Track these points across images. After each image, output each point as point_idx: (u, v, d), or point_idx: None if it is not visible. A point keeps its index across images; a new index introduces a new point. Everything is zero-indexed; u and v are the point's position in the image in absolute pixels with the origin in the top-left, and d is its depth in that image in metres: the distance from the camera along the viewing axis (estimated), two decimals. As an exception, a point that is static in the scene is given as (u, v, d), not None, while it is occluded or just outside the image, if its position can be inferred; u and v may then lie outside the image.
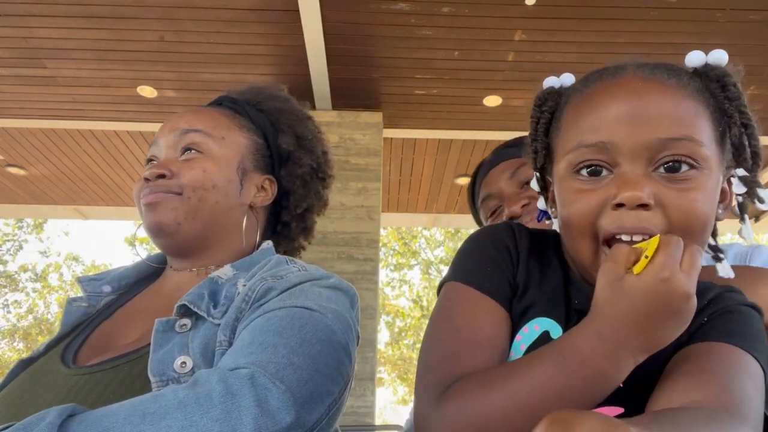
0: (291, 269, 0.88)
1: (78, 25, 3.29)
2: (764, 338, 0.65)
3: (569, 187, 0.66)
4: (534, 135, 0.75)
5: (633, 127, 0.62)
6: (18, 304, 14.85)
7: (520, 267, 0.73)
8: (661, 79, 0.66)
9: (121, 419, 0.61)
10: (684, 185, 0.61)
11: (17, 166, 4.95)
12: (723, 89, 0.66)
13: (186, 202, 0.92)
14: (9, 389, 0.82)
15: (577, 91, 0.71)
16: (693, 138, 0.61)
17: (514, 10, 3.14)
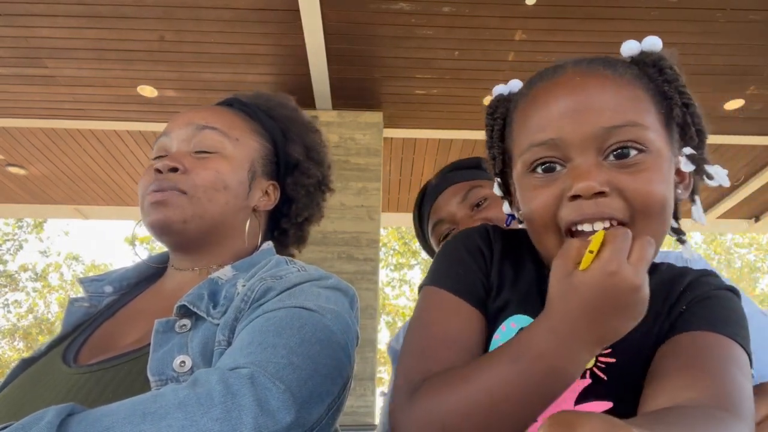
0: (290, 269, 0.89)
1: (78, 25, 3.29)
2: (745, 321, 0.66)
3: (527, 185, 0.69)
4: (490, 142, 0.78)
5: (577, 120, 0.64)
6: (18, 304, 14.86)
7: (494, 267, 0.75)
8: (599, 72, 0.68)
9: (121, 418, 0.61)
10: (635, 168, 0.63)
11: (17, 166, 4.95)
12: (660, 73, 0.69)
13: (195, 201, 0.92)
14: (10, 389, 0.83)
15: (522, 95, 0.74)
16: (636, 123, 0.64)
17: (514, 9, 3.14)
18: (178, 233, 0.92)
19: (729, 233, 13.82)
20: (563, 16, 3.17)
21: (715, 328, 0.62)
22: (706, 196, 3.99)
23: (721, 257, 15.26)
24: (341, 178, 3.88)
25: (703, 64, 3.55)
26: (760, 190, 5.14)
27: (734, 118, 4.08)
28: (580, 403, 0.63)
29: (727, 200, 5.33)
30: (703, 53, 3.47)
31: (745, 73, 3.63)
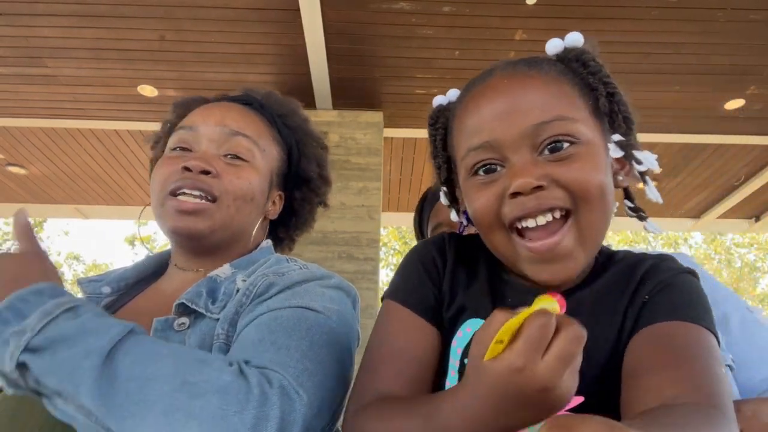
0: (292, 267, 0.89)
1: (78, 24, 3.29)
2: (707, 301, 0.67)
3: (470, 187, 0.71)
4: (434, 152, 0.81)
5: (507, 121, 0.67)
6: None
7: (446, 275, 0.77)
8: (524, 72, 0.71)
9: (163, 374, 0.62)
10: (569, 160, 0.65)
11: (18, 165, 4.95)
12: (584, 66, 0.72)
13: (224, 210, 0.92)
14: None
15: (458, 102, 0.77)
16: (564, 116, 0.66)
17: (515, 9, 3.14)
18: (200, 241, 0.92)
19: (729, 233, 13.81)
20: (563, 15, 3.17)
21: (682, 315, 0.63)
22: (706, 196, 4.01)
23: (721, 257, 15.25)
24: (341, 177, 3.88)
25: (704, 63, 3.55)
26: (760, 190, 5.14)
27: (734, 118, 4.08)
28: None
29: (727, 200, 5.33)
30: (703, 53, 3.46)
31: (746, 72, 3.63)
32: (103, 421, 0.61)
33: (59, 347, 0.63)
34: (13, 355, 0.63)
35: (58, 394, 0.63)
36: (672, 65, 3.56)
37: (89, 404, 0.61)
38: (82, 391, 0.61)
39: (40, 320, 0.64)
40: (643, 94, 3.82)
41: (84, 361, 0.62)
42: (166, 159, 0.95)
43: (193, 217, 0.89)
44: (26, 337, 0.63)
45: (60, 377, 0.62)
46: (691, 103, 3.94)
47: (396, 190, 5.47)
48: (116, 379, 0.62)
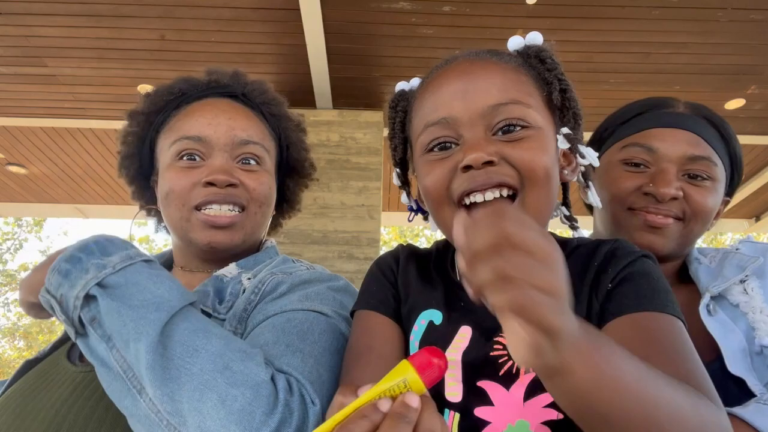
0: (299, 267, 0.91)
1: (79, 24, 3.29)
2: (667, 285, 0.67)
3: (424, 163, 0.74)
4: (392, 132, 0.85)
5: (466, 100, 0.70)
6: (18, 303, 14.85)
7: (400, 277, 0.81)
8: (486, 59, 0.75)
9: (210, 351, 0.64)
10: (520, 142, 0.68)
11: (18, 165, 4.95)
12: (542, 62, 0.75)
13: (252, 218, 0.93)
14: (17, 386, 0.84)
15: (420, 86, 0.81)
16: (519, 101, 0.70)
17: (515, 9, 3.14)
18: (231, 251, 0.93)
19: (729, 233, 13.80)
20: (564, 15, 3.17)
21: (649, 305, 0.63)
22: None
23: (722, 257, 15.21)
24: (342, 177, 3.88)
25: (704, 63, 3.54)
26: (761, 190, 5.13)
27: (735, 118, 4.08)
28: (529, 398, 0.64)
29: (727, 200, 5.33)
30: (703, 53, 3.46)
31: (746, 72, 3.63)
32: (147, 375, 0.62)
33: (132, 291, 0.66)
34: (88, 284, 0.66)
35: (108, 338, 0.64)
36: (673, 65, 3.56)
37: (142, 356, 0.62)
38: (142, 340, 0.62)
39: (122, 260, 0.68)
40: (643, 93, 3.80)
41: (152, 314, 0.64)
42: (177, 170, 0.93)
43: (230, 231, 0.90)
44: (106, 272, 0.67)
45: (123, 321, 0.64)
46: (692, 103, 3.94)
47: (396, 190, 5.47)
48: (170, 339, 0.64)
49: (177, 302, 0.67)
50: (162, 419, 0.62)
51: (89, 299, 0.66)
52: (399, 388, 0.45)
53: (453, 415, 0.66)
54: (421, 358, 0.45)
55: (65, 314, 0.67)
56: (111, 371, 0.66)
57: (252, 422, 0.60)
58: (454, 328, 0.71)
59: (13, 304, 14.89)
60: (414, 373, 0.45)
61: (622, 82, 3.69)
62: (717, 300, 0.94)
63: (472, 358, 0.67)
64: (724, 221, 5.97)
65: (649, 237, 0.98)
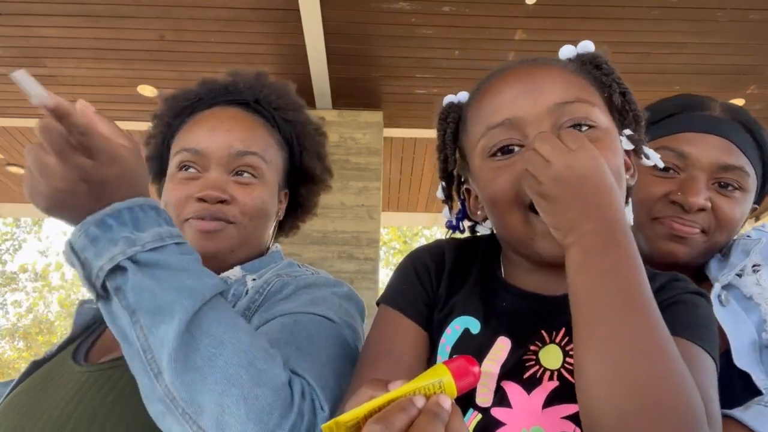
0: (304, 271, 0.93)
1: (78, 24, 3.29)
2: (712, 325, 0.66)
3: (487, 169, 0.70)
4: (442, 144, 0.81)
5: (531, 99, 0.68)
6: (18, 304, 14.87)
7: (444, 280, 0.77)
8: (545, 63, 0.74)
9: (236, 345, 0.63)
10: (590, 139, 0.64)
11: (17, 165, 4.95)
12: (597, 68, 0.74)
13: (242, 230, 0.93)
14: (23, 386, 0.84)
15: (474, 95, 0.79)
16: (585, 99, 0.68)
17: (514, 9, 3.14)
18: (222, 261, 0.93)
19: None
20: (563, 15, 3.17)
21: (682, 333, 0.62)
22: (706, 196, 3.79)
23: (721, 257, 15.23)
24: (341, 177, 3.88)
25: (703, 63, 3.55)
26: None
27: (734, 118, 4.08)
28: (548, 406, 0.63)
29: (727, 200, 5.33)
30: (703, 53, 3.47)
31: (745, 72, 3.63)
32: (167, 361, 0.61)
33: (164, 274, 0.64)
34: (116, 257, 0.62)
35: (132, 311, 0.62)
36: (672, 65, 3.56)
37: (169, 341, 0.60)
38: (173, 325, 0.61)
39: (153, 240, 0.65)
40: (643, 94, 3.77)
41: (185, 299, 0.62)
42: (176, 182, 0.93)
43: (215, 239, 0.90)
44: (136, 249, 0.63)
45: (155, 301, 0.62)
46: (691, 103, 3.94)
47: (396, 190, 5.48)
48: (198, 329, 0.63)
49: (208, 291, 0.66)
50: (177, 406, 0.61)
51: (116, 271, 0.63)
52: (433, 388, 0.46)
53: (475, 415, 0.65)
54: (459, 364, 0.46)
55: (87, 278, 0.64)
56: (131, 346, 0.64)
57: (269, 423, 0.60)
58: (492, 339, 0.69)
59: (12, 305, 14.89)
60: (450, 377, 0.46)
61: (621, 82, 3.69)
62: (729, 290, 0.92)
63: (509, 368, 0.66)
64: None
65: (672, 246, 0.95)
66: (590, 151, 0.60)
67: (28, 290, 15.05)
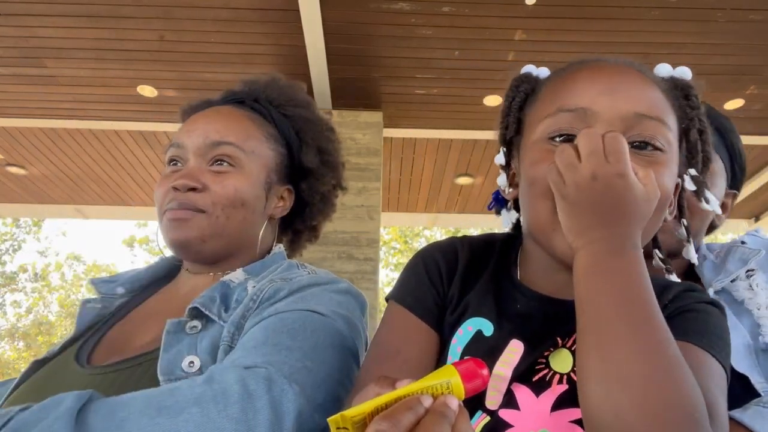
0: (301, 273, 0.91)
1: (78, 25, 3.29)
2: (725, 334, 0.66)
3: (539, 150, 0.68)
4: (507, 110, 0.78)
5: (613, 99, 0.65)
6: (17, 304, 14.86)
7: (456, 279, 0.76)
8: (635, 68, 0.71)
9: (137, 411, 0.61)
10: (650, 160, 0.64)
11: (17, 166, 4.95)
12: (686, 98, 0.71)
13: (213, 220, 0.92)
14: (24, 387, 0.84)
15: (557, 73, 0.76)
16: (663, 120, 0.66)
17: (514, 9, 3.14)
18: (196, 251, 0.93)
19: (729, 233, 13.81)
20: (563, 15, 3.17)
21: (691, 338, 0.62)
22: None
23: (721, 257, 15.22)
24: (341, 177, 3.87)
25: (703, 63, 3.55)
26: (760, 190, 5.14)
27: (734, 118, 4.04)
28: (556, 409, 0.63)
29: (726, 200, 5.33)
30: (702, 53, 3.47)
31: (745, 72, 3.63)
32: None
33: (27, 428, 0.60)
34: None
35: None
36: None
37: None
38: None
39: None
40: (642, 94, 3.82)
41: (55, 424, 0.58)
42: (162, 178, 0.96)
43: (184, 226, 0.90)
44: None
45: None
46: (691, 103, 3.94)
47: (396, 190, 5.47)
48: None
49: (74, 403, 0.62)
50: None
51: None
52: (441, 388, 0.46)
53: (483, 417, 0.65)
54: (468, 366, 0.46)
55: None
56: None
57: (215, 424, 0.60)
58: (505, 342, 0.68)
59: (11, 306, 14.88)
60: (458, 378, 0.46)
61: (621, 82, 3.69)
62: (721, 295, 0.93)
63: (521, 372, 0.66)
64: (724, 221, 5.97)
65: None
66: (622, 167, 0.59)
67: (27, 291, 15.06)
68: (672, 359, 0.53)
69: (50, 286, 15.36)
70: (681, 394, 0.51)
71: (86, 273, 15.58)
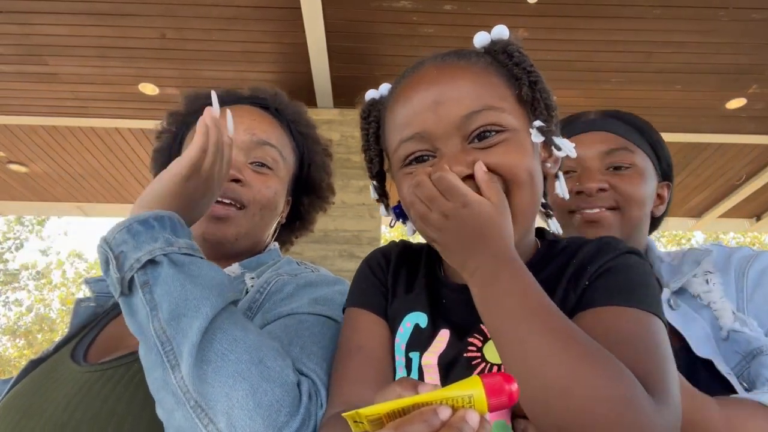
0: (304, 270, 0.93)
1: (80, 22, 3.29)
2: (649, 279, 0.65)
3: (403, 176, 0.72)
4: (366, 145, 0.83)
5: (438, 112, 0.69)
6: (19, 303, 14.88)
7: (390, 275, 0.80)
8: (453, 63, 0.73)
9: (248, 343, 0.66)
10: (497, 147, 0.68)
11: (19, 163, 4.95)
12: (509, 57, 0.74)
13: (250, 218, 0.94)
14: (21, 386, 0.84)
15: (390, 95, 0.79)
16: (492, 106, 0.69)
17: (516, 8, 3.14)
18: (224, 247, 0.94)
19: (730, 232, 13.80)
20: (565, 14, 3.17)
21: (620, 300, 0.62)
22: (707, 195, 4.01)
23: (722, 256, 15.20)
24: (342, 176, 3.88)
25: (705, 62, 3.54)
26: (762, 189, 5.13)
27: (736, 117, 4.07)
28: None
29: (728, 199, 5.33)
30: (705, 52, 3.46)
31: (747, 72, 3.62)
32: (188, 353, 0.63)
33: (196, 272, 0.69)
34: (154, 251, 0.68)
35: (154, 306, 0.66)
36: (674, 64, 3.55)
37: (194, 333, 0.63)
38: (200, 318, 0.64)
39: (188, 247, 0.72)
40: (644, 93, 3.81)
41: (214, 297, 0.67)
42: None
43: (224, 224, 0.91)
44: (173, 249, 0.69)
45: (186, 295, 0.66)
46: (693, 103, 3.94)
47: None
48: (213, 325, 0.65)
49: (231, 295, 0.70)
50: (190, 399, 0.63)
51: (148, 265, 0.68)
52: (462, 400, 0.44)
53: None
54: (494, 380, 0.44)
55: (119, 271, 0.68)
56: (147, 340, 0.66)
57: (277, 419, 0.62)
58: (436, 332, 0.71)
59: (13, 304, 14.90)
60: (482, 392, 0.44)
61: (623, 81, 3.69)
62: (678, 294, 0.98)
63: (449, 360, 0.68)
64: (725, 221, 5.96)
65: (591, 231, 1.04)
66: (461, 198, 0.62)
67: (29, 288, 15.07)
68: (583, 353, 0.53)
69: (52, 284, 15.38)
70: (604, 384, 0.51)
71: (88, 270, 15.61)
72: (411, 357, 0.71)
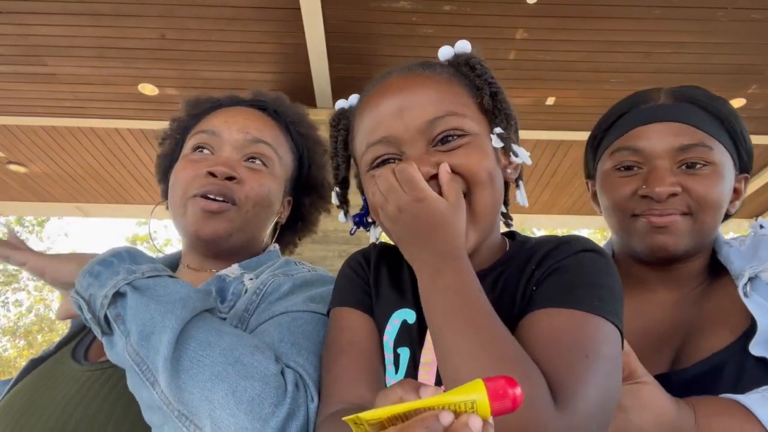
0: (301, 269, 0.94)
1: (79, 23, 3.29)
2: (600, 281, 0.65)
3: (369, 178, 0.76)
4: (334, 151, 0.87)
5: (404, 118, 0.72)
6: (19, 303, 14.88)
7: (371, 275, 0.82)
8: (419, 73, 0.77)
9: (222, 346, 0.67)
10: (459, 150, 0.71)
11: (18, 164, 4.96)
12: (472, 69, 0.77)
13: (243, 214, 0.94)
14: (22, 385, 0.84)
15: (359, 103, 0.83)
16: (455, 112, 0.72)
17: (515, 8, 3.14)
18: (218, 245, 0.94)
19: (730, 232, 13.81)
20: (565, 14, 3.17)
21: (554, 302, 0.62)
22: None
23: (722, 257, 15.21)
24: (342, 176, 3.88)
25: (705, 63, 3.54)
26: (761, 190, 5.13)
27: (735, 118, 4.08)
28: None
29: (728, 199, 5.32)
30: (704, 52, 3.46)
31: (747, 72, 3.63)
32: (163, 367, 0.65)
33: (161, 291, 0.71)
34: (118, 284, 0.71)
35: (127, 333, 0.69)
36: (673, 64, 3.56)
37: (163, 347, 0.65)
38: (167, 332, 0.66)
39: (151, 271, 0.74)
40: (644, 93, 3.81)
41: (178, 310, 0.68)
42: (187, 161, 0.96)
43: (216, 219, 0.91)
44: (136, 275, 0.73)
45: (151, 314, 0.68)
46: (692, 103, 3.94)
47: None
48: (186, 335, 0.67)
49: (200, 305, 0.72)
50: (173, 410, 0.64)
51: (116, 298, 0.71)
52: (465, 405, 0.43)
53: None
54: (497, 384, 0.43)
55: (92, 313, 0.71)
56: (127, 366, 0.69)
57: (261, 412, 0.62)
58: (424, 328, 0.71)
59: (13, 304, 14.90)
60: (485, 396, 0.42)
61: (622, 81, 3.69)
62: (754, 282, 0.90)
63: None
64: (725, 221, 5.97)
65: (660, 238, 0.93)
66: (417, 193, 0.66)
67: (29, 289, 15.07)
68: (500, 355, 0.54)
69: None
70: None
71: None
72: (399, 353, 0.71)
